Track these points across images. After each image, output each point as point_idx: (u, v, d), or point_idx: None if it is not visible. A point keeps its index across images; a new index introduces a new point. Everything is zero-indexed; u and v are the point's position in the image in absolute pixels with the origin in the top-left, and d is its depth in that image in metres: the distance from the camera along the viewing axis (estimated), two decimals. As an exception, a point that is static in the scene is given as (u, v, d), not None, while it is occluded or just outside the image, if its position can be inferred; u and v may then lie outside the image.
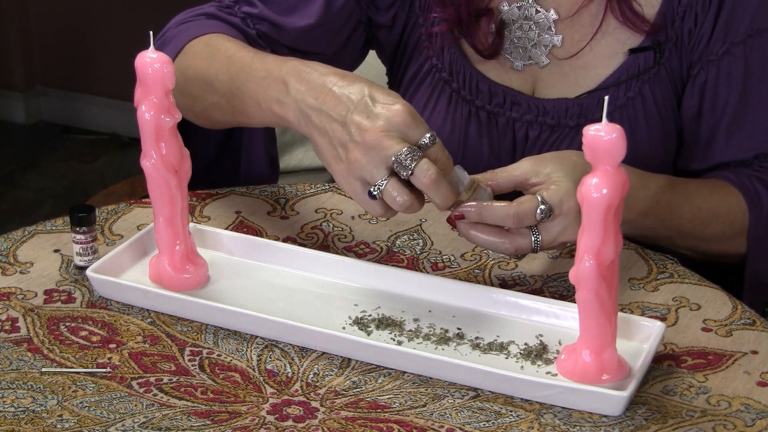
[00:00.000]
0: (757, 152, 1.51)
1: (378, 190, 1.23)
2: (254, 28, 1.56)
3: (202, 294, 1.29)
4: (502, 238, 1.27)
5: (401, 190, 1.23)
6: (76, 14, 3.91)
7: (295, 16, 1.56)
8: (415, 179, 1.23)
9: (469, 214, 1.26)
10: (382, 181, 1.23)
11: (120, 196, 1.99)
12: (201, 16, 1.56)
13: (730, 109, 1.50)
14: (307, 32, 1.56)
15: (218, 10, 1.57)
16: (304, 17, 1.56)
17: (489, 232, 1.27)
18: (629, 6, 1.48)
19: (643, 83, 1.51)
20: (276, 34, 1.56)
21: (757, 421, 1.13)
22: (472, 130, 1.56)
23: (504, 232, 1.27)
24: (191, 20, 1.56)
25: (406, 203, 1.24)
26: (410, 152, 1.22)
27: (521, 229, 1.27)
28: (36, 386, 1.17)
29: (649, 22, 1.49)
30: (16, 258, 1.36)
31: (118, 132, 3.89)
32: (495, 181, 1.30)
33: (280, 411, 1.14)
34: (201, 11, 1.57)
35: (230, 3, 1.58)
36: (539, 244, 1.27)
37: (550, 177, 1.29)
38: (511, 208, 1.25)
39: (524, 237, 1.27)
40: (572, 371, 1.17)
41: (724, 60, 1.49)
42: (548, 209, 1.26)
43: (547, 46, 1.53)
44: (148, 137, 1.25)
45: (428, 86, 1.58)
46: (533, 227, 1.27)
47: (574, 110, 1.52)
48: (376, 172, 1.23)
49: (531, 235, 1.27)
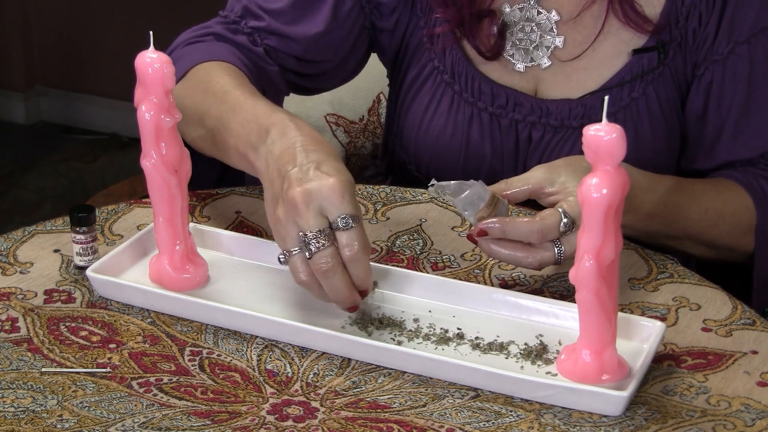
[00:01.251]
0: (763, 151, 1.51)
1: (285, 258, 1.22)
2: (262, 44, 1.55)
3: (202, 294, 1.29)
4: (526, 253, 1.27)
5: (304, 268, 1.21)
6: (76, 14, 3.91)
7: (303, 26, 1.56)
8: (312, 263, 1.20)
9: (493, 231, 1.26)
10: (294, 251, 1.21)
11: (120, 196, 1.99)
12: (209, 37, 1.54)
13: (735, 109, 1.50)
14: (317, 40, 1.56)
15: (225, 30, 1.55)
16: (312, 26, 1.56)
17: (512, 247, 1.27)
18: (631, 7, 1.48)
19: (647, 84, 1.51)
20: (284, 46, 1.56)
21: (757, 421, 1.13)
22: (475, 133, 1.55)
23: (527, 246, 1.27)
24: (199, 41, 1.54)
25: (304, 284, 1.22)
26: (319, 234, 1.19)
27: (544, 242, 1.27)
28: (36, 386, 1.17)
29: (652, 23, 1.49)
30: (16, 258, 1.36)
31: (118, 132, 3.89)
32: (510, 191, 1.31)
33: (280, 411, 1.14)
34: (209, 30, 1.55)
35: (236, 18, 1.57)
36: (563, 256, 1.28)
37: (566, 187, 1.29)
38: (535, 224, 1.26)
39: (547, 250, 1.27)
40: (572, 371, 1.17)
41: (729, 60, 1.49)
42: (571, 222, 1.26)
43: (548, 48, 1.53)
44: (148, 137, 1.25)
45: (430, 88, 1.58)
46: (556, 240, 1.27)
47: (577, 111, 1.52)
48: (289, 239, 1.21)
49: (554, 248, 1.27)
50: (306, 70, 1.60)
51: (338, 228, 1.19)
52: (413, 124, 1.59)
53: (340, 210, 1.19)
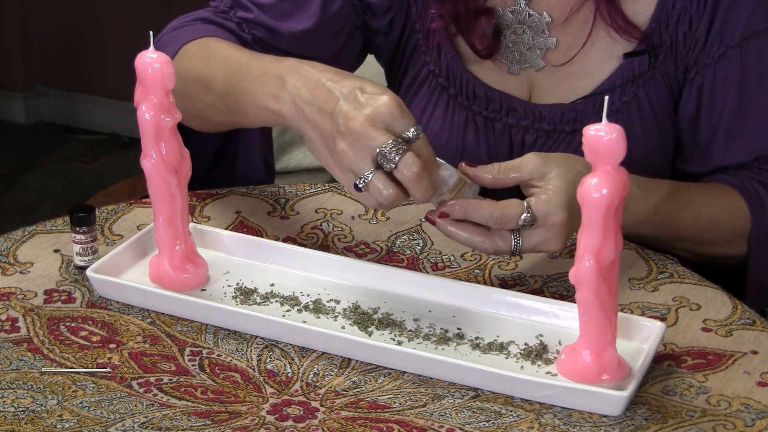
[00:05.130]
0: (756, 154, 1.51)
1: (363, 182, 1.23)
2: (249, 33, 1.56)
3: (202, 294, 1.30)
4: (482, 237, 1.27)
5: (387, 183, 1.23)
6: (76, 14, 3.91)
7: (290, 21, 1.56)
8: (398, 172, 1.22)
9: (454, 212, 1.27)
10: (369, 174, 1.23)
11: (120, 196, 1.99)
12: (196, 21, 1.56)
13: (728, 113, 1.50)
14: (303, 37, 1.56)
15: (214, 15, 1.57)
16: (300, 22, 1.56)
17: (471, 231, 1.27)
18: (619, 13, 1.48)
19: (638, 87, 1.51)
20: (271, 39, 1.56)
21: (757, 421, 1.13)
22: (470, 136, 1.56)
23: (485, 231, 1.27)
24: (187, 25, 1.56)
25: (391, 196, 1.23)
26: (395, 145, 1.21)
27: (503, 231, 1.27)
28: (36, 386, 1.17)
29: (638, 29, 1.48)
30: (16, 258, 1.36)
31: (118, 132, 3.89)
32: (500, 177, 1.30)
33: (280, 411, 1.14)
34: (196, 16, 1.58)
35: (225, 9, 1.58)
36: (518, 249, 1.27)
37: (548, 183, 1.28)
38: (496, 210, 1.26)
39: (505, 240, 1.27)
40: (572, 371, 1.17)
41: (721, 63, 1.49)
42: (531, 218, 1.26)
43: (542, 49, 1.53)
44: (148, 137, 1.25)
45: (426, 92, 1.58)
46: (515, 231, 1.27)
47: (569, 116, 1.52)
48: (362, 164, 1.23)
49: (512, 239, 1.27)
50: None
51: (410, 140, 1.23)
52: None
53: (406, 123, 1.23)
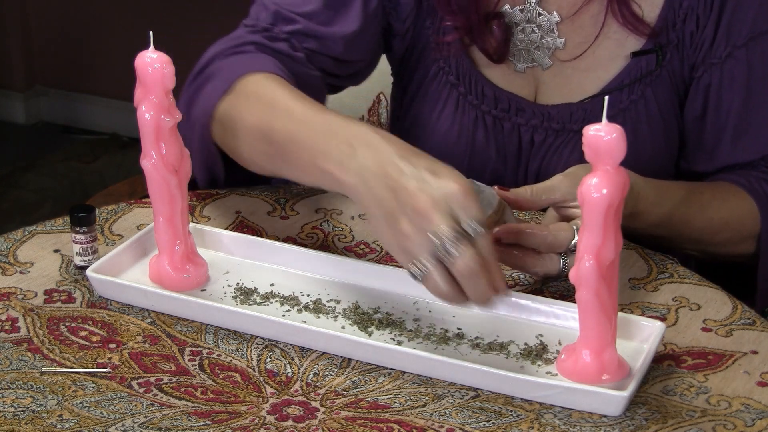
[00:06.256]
0: (763, 154, 1.52)
1: (421, 275, 1.17)
2: (302, 48, 1.51)
3: (202, 294, 1.29)
4: (533, 260, 1.28)
5: (444, 279, 1.16)
6: (75, 14, 3.91)
7: (338, 25, 1.53)
8: (455, 269, 1.15)
9: (506, 237, 1.27)
10: (426, 266, 1.16)
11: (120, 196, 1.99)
12: (247, 47, 1.49)
13: (734, 113, 1.51)
14: (353, 39, 1.54)
15: (262, 38, 1.50)
16: (347, 24, 1.53)
17: (521, 254, 1.28)
18: (629, 8, 1.48)
19: (646, 86, 1.51)
20: (324, 48, 1.53)
21: (757, 421, 1.13)
22: (479, 135, 1.56)
23: (535, 254, 1.28)
24: (237, 53, 1.48)
25: (449, 294, 1.17)
26: (454, 235, 1.14)
27: (552, 254, 1.28)
28: (36, 386, 1.17)
29: (648, 25, 1.49)
30: (16, 258, 1.36)
31: (118, 132, 3.89)
32: (533, 201, 1.32)
33: (280, 411, 1.14)
34: (244, 40, 1.50)
35: (267, 26, 1.52)
36: (566, 270, 1.28)
37: None
38: (549, 235, 1.27)
39: (554, 262, 1.29)
40: (572, 371, 1.17)
41: (727, 63, 1.49)
42: None
43: (549, 49, 1.53)
44: (148, 137, 1.25)
45: (435, 90, 1.57)
46: (562, 253, 1.28)
47: (578, 115, 1.53)
48: (422, 252, 1.16)
49: (560, 261, 1.28)
50: (340, 71, 1.57)
51: (472, 234, 1.16)
52: (419, 125, 1.59)
53: (471, 214, 1.16)
